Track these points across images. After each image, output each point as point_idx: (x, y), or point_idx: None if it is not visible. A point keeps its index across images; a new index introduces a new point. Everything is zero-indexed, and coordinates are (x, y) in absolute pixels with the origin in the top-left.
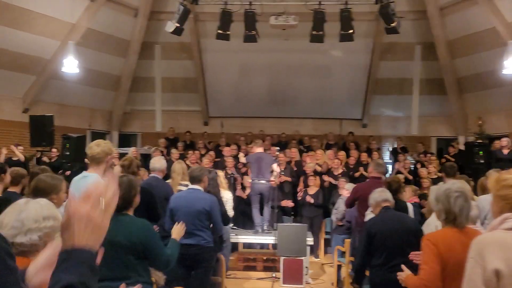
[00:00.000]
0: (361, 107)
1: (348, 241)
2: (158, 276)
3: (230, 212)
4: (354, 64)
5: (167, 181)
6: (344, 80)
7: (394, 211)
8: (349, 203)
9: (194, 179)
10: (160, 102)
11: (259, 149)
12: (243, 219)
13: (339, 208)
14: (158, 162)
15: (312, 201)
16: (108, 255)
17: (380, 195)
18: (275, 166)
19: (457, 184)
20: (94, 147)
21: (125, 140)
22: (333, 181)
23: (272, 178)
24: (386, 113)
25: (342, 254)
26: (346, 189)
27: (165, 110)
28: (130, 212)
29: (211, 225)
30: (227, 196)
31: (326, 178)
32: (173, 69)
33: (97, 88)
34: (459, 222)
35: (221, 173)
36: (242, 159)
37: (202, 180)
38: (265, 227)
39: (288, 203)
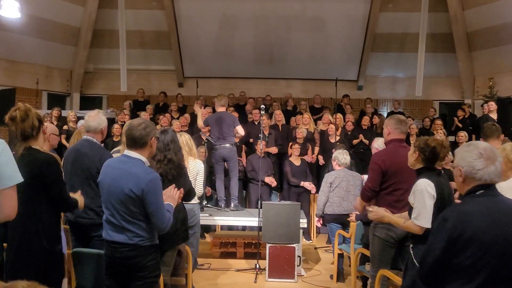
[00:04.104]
0: (357, 66)
1: (353, 224)
2: None
3: (200, 188)
4: (350, 16)
5: (117, 148)
6: (337, 35)
7: (502, 197)
8: (378, 182)
9: (133, 142)
10: (124, 59)
11: (221, 108)
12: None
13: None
14: (94, 119)
15: (273, 184)
16: None
17: (483, 158)
18: (239, 128)
19: None
20: None
21: (88, 103)
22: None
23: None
24: (385, 73)
25: (344, 240)
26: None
27: (134, 69)
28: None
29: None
30: (198, 167)
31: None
32: (141, 20)
33: (52, 42)
34: None
35: (186, 136)
36: (200, 122)
37: (146, 144)
38: (232, 205)
39: (272, 181)
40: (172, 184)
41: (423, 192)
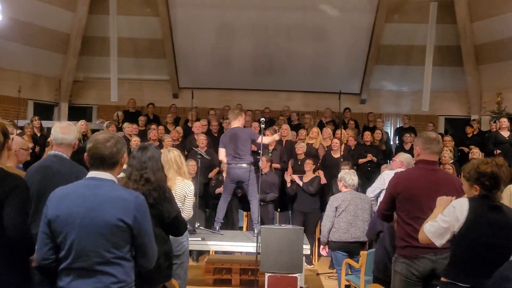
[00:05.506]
0: (360, 79)
1: (364, 253)
2: None
3: (188, 213)
4: (353, 26)
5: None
6: (340, 46)
7: None
8: (388, 206)
9: (102, 161)
10: (115, 67)
11: (236, 123)
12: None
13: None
14: (69, 131)
15: (300, 182)
16: None
17: None
18: (259, 139)
19: None
20: None
21: (78, 113)
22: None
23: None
24: (389, 87)
25: (350, 268)
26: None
27: (126, 79)
28: None
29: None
30: (186, 189)
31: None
32: (134, 27)
33: (40, 48)
34: None
35: (175, 152)
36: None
37: (117, 163)
38: (256, 231)
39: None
40: (153, 208)
41: (451, 209)
